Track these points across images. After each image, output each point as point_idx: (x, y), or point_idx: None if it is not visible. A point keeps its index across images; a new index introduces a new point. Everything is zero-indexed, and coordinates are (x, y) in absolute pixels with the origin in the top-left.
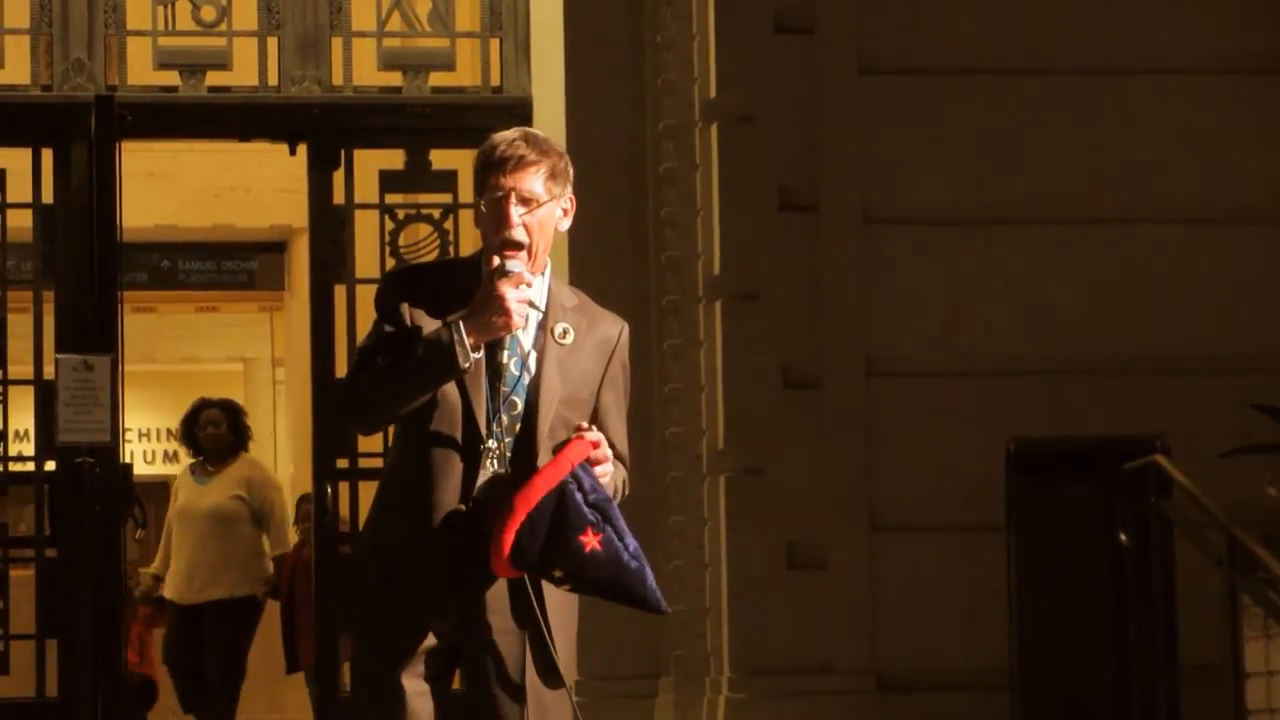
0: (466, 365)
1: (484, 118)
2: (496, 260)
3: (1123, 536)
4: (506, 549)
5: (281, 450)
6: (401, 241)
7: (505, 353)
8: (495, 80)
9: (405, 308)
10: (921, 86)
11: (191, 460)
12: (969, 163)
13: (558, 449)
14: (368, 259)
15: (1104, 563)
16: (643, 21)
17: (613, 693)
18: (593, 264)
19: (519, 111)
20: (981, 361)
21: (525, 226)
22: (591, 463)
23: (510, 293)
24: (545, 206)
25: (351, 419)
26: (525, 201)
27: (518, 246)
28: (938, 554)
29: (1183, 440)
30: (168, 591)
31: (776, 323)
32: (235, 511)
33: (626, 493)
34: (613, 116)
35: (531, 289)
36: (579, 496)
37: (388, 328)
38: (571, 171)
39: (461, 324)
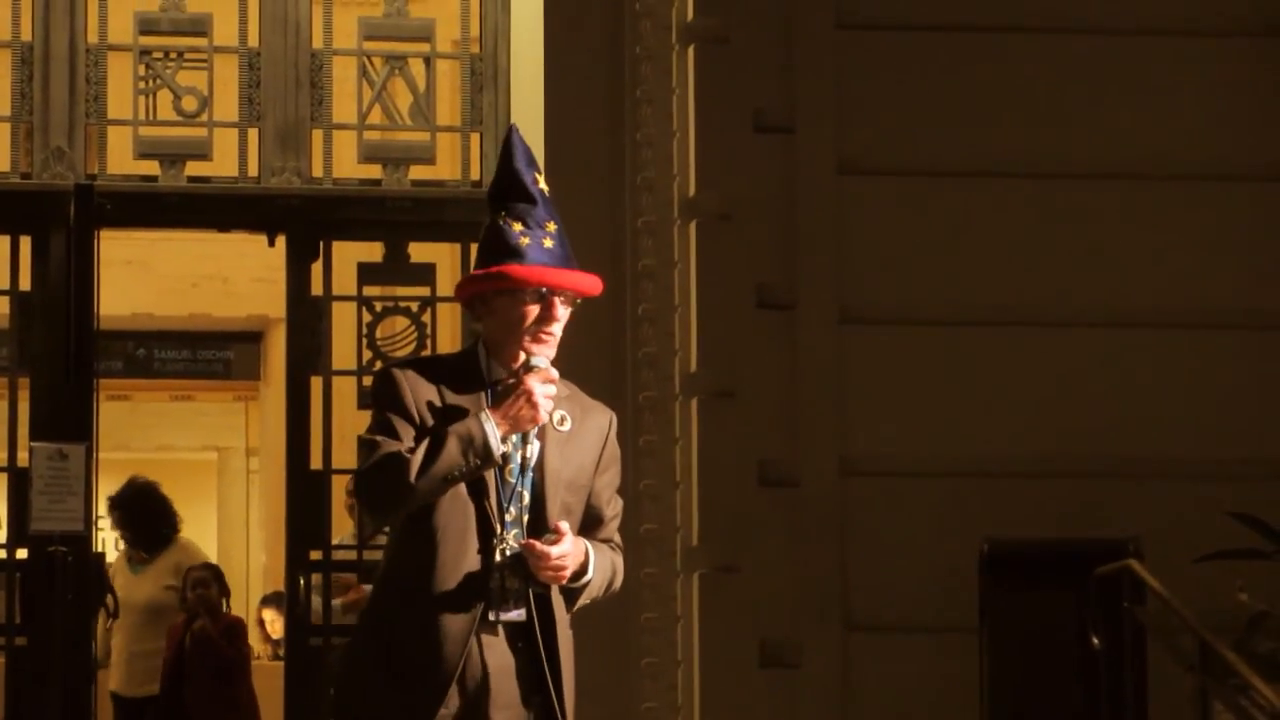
0: (499, 459)
1: (463, 211)
2: (523, 355)
3: (1095, 640)
4: None
5: (254, 541)
6: (379, 334)
7: (511, 444)
8: (475, 175)
9: (409, 397)
10: (900, 187)
11: (126, 546)
12: (946, 263)
13: None
14: (345, 350)
15: (1076, 666)
16: (623, 118)
17: None
18: (570, 358)
19: None
20: (957, 462)
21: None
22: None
23: (538, 386)
24: (570, 306)
25: (374, 510)
26: (564, 300)
27: (551, 339)
28: (911, 654)
29: (1156, 544)
30: (111, 683)
31: (752, 421)
32: (169, 602)
33: (618, 584)
34: (592, 212)
35: (555, 382)
36: None
37: (396, 417)
38: None
39: (491, 417)
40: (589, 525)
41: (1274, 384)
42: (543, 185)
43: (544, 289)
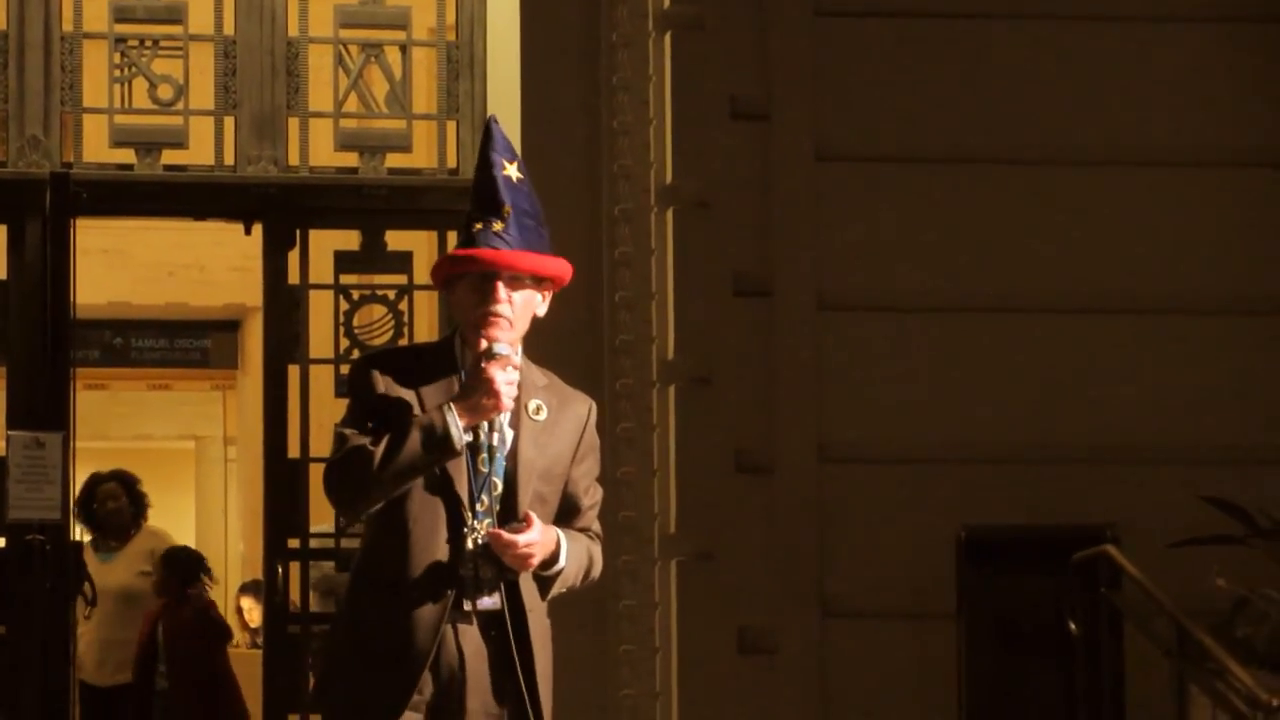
0: (460, 449)
1: (440, 200)
2: (484, 343)
3: (1072, 625)
4: None
5: (232, 529)
6: (356, 322)
7: (482, 433)
8: (451, 162)
9: (382, 390)
10: (877, 173)
11: (90, 535)
12: (924, 250)
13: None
14: (322, 339)
15: (1054, 651)
16: (599, 106)
17: None
18: (547, 346)
19: None
20: (934, 448)
21: (510, 303)
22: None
23: (499, 375)
24: (528, 289)
25: (340, 504)
26: (512, 281)
27: (503, 319)
28: (888, 640)
29: (1133, 530)
30: (81, 672)
31: (729, 407)
32: (144, 588)
33: (596, 573)
34: (568, 200)
35: (519, 370)
36: None
37: (366, 410)
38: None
39: (454, 407)
40: (566, 514)
41: (1250, 370)
42: (509, 171)
43: (486, 271)
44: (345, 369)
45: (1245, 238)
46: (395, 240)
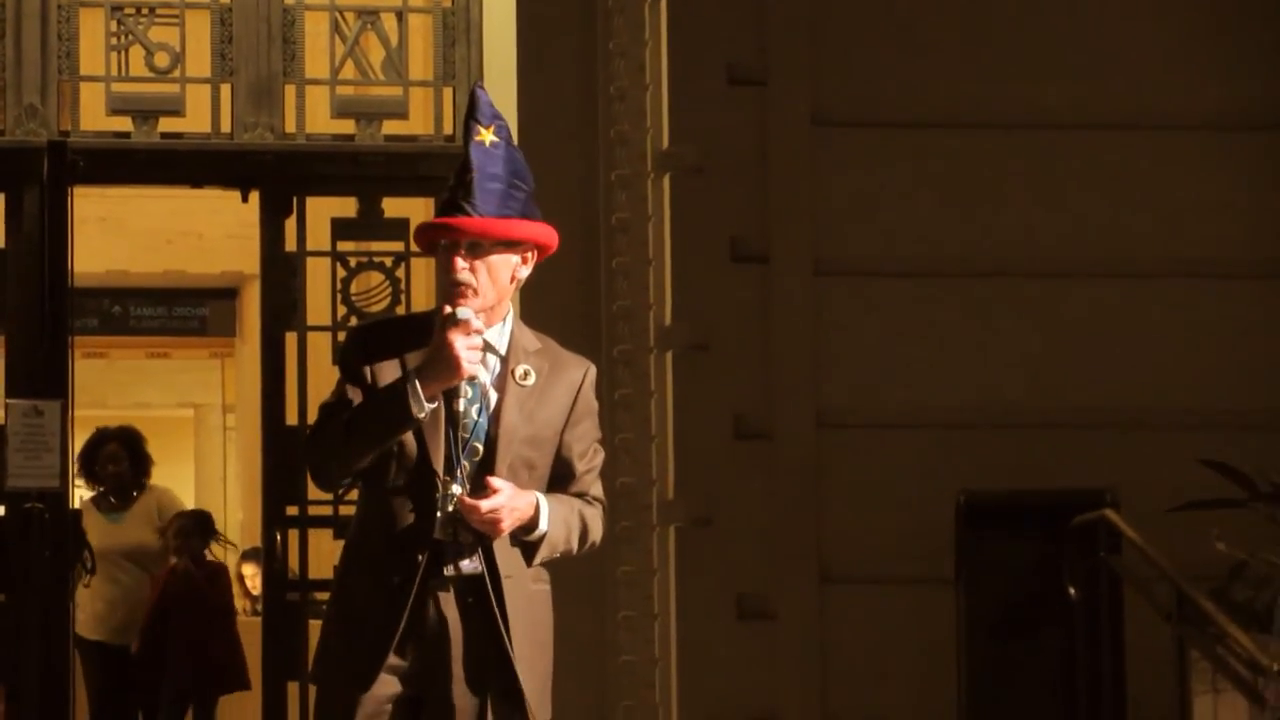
0: (421, 415)
1: (436, 166)
2: (446, 309)
3: (1072, 590)
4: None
5: (231, 497)
6: (353, 289)
7: (463, 400)
8: (448, 129)
9: (367, 363)
10: (874, 139)
11: (92, 493)
12: (923, 215)
13: None
14: (319, 306)
15: (1053, 616)
16: (596, 72)
17: None
18: (544, 313)
19: None
20: (933, 413)
21: (473, 270)
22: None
23: (459, 340)
24: (498, 253)
25: (314, 476)
26: (474, 248)
27: (464, 287)
28: (887, 606)
29: (1133, 495)
30: (91, 632)
31: (727, 374)
32: (157, 545)
33: (596, 537)
34: (565, 166)
35: (482, 335)
36: None
37: (349, 384)
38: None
39: (415, 374)
40: (561, 479)
41: (1250, 333)
42: (484, 136)
43: (444, 240)
44: (343, 336)
45: (1242, 201)
46: (392, 207)
